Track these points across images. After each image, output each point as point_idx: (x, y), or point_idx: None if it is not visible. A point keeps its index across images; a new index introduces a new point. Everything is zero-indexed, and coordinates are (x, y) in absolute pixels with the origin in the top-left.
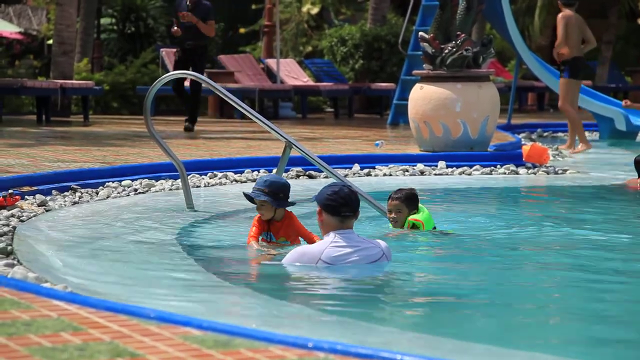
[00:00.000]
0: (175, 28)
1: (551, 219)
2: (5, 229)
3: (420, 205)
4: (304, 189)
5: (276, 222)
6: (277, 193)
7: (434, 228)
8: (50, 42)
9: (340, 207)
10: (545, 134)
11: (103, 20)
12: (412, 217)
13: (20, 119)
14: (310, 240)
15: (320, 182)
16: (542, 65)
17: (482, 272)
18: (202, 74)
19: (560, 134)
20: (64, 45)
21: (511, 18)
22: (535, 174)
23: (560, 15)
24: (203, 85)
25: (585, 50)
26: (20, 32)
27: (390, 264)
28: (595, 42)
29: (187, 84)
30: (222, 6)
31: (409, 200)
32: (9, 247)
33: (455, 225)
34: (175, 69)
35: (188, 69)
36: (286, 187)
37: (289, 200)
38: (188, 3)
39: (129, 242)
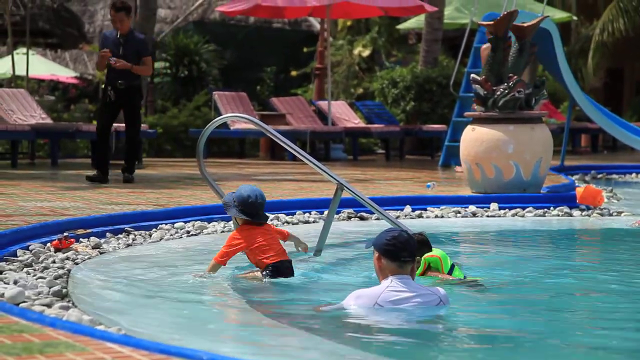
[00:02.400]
0: (110, 60)
1: (604, 263)
2: (60, 271)
3: (434, 248)
4: (356, 231)
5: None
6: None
7: (465, 277)
8: None
9: (400, 252)
10: (599, 175)
11: (157, 64)
12: (426, 255)
13: (75, 162)
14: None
15: (372, 224)
16: (596, 106)
17: (536, 317)
18: (138, 117)
19: (614, 176)
20: None
21: (564, 60)
22: (589, 216)
23: None
24: (255, 126)
25: None
26: (75, 77)
27: (447, 307)
28: None
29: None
30: (275, 49)
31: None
32: (64, 290)
33: (506, 267)
34: (102, 111)
35: (118, 111)
36: (239, 198)
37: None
38: (118, 36)
39: (182, 284)
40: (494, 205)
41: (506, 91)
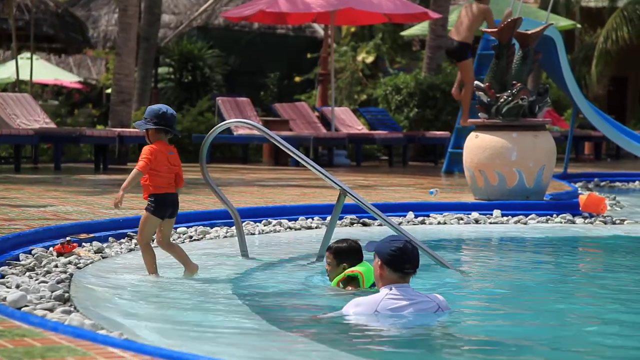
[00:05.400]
0: None
1: (607, 271)
2: (63, 275)
3: (364, 262)
4: (359, 236)
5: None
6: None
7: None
8: (109, 91)
9: (404, 263)
10: (602, 183)
11: (161, 70)
12: (350, 270)
13: (78, 166)
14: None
15: (374, 230)
16: (599, 114)
17: (537, 324)
18: None
19: (617, 184)
20: (122, 94)
21: (568, 67)
22: (592, 223)
23: None
24: (258, 132)
25: None
26: (79, 82)
27: (446, 314)
28: None
29: None
30: (279, 55)
31: (337, 254)
32: (66, 294)
33: (509, 274)
34: None
35: None
36: (151, 112)
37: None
38: None
39: (184, 289)
40: (496, 212)
41: (510, 98)
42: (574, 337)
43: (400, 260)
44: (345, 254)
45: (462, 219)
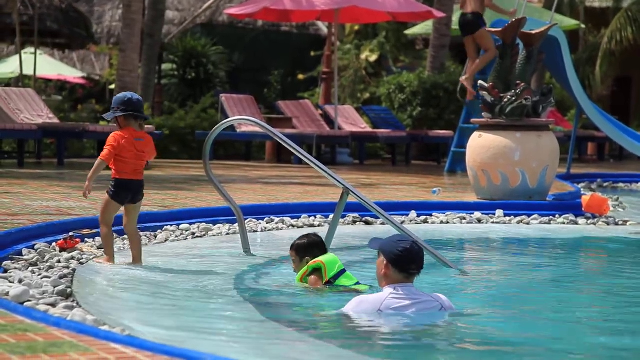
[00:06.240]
0: None
1: (609, 272)
2: (66, 271)
3: (329, 253)
4: (361, 235)
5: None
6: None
7: (343, 270)
8: (112, 87)
9: (409, 264)
10: (606, 184)
11: (164, 66)
12: (313, 261)
13: (81, 162)
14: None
15: (377, 229)
16: (603, 115)
17: (540, 324)
18: None
19: (620, 185)
20: (126, 90)
21: (572, 68)
22: (595, 224)
23: None
24: (261, 130)
25: None
26: (83, 77)
27: (449, 313)
28: None
29: None
30: (283, 52)
31: (299, 250)
32: (69, 290)
33: (511, 274)
34: None
35: None
36: (118, 100)
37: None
38: None
39: (186, 286)
40: (499, 212)
41: (513, 98)
42: (576, 339)
43: (407, 261)
44: (306, 248)
45: (464, 218)
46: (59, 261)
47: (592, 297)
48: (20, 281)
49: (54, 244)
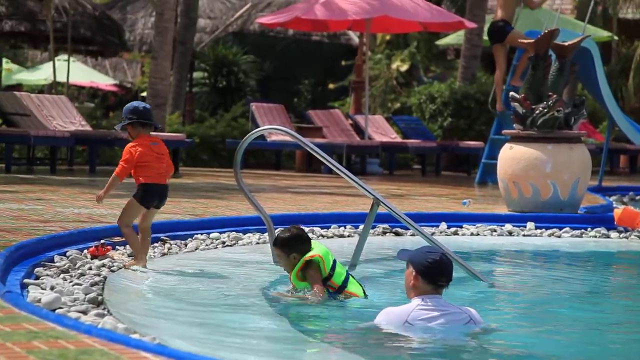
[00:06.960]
0: None
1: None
2: (97, 278)
3: (313, 242)
4: (391, 246)
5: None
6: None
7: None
8: (144, 94)
9: (439, 276)
10: (638, 197)
11: (196, 74)
12: (309, 255)
13: (113, 169)
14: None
15: (407, 240)
16: (635, 127)
17: (570, 339)
18: None
19: None
20: (157, 98)
21: (604, 80)
22: (627, 238)
23: None
24: (292, 139)
25: None
26: (115, 84)
27: (477, 327)
28: None
29: None
30: (313, 62)
31: (283, 246)
32: (100, 297)
33: (542, 288)
34: None
35: None
36: (128, 110)
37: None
38: None
39: (216, 295)
40: (530, 225)
41: (545, 110)
42: (607, 354)
43: (436, 273)
44: (290, 241)
45: (495, 230)
46: (90, 268)
47: (624, 314)
48: (52, 288)
49: (85, 251)
